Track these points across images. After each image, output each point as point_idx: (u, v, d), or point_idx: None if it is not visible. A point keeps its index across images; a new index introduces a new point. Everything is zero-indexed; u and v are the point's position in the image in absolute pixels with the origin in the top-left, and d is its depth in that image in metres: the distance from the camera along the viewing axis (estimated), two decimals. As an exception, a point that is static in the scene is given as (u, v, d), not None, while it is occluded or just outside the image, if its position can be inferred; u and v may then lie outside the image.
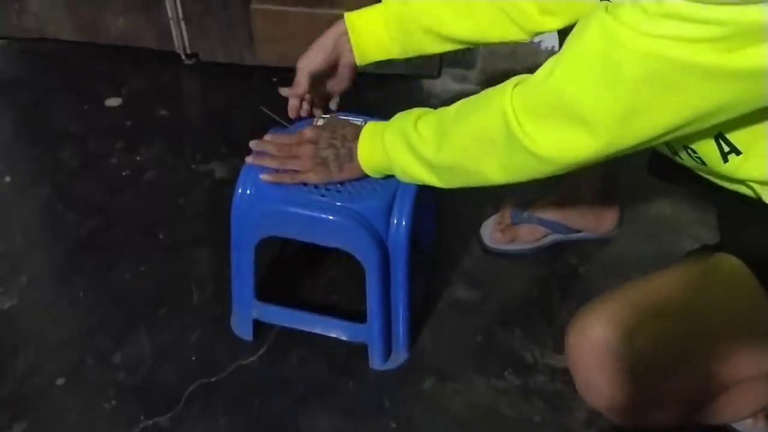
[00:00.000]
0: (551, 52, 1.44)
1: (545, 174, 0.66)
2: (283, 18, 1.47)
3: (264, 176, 0.83)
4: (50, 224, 1.17)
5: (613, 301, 0.65)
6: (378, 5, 0.84)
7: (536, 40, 1.43)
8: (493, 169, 0.69)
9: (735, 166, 0.64)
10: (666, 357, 0.63)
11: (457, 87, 1.53)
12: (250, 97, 1.49)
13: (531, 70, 1.66)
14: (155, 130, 1.37)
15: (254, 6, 1.46)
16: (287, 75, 1.59)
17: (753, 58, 0.49)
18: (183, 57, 1.56)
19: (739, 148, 0.63)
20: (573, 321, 0.66)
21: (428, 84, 1.53)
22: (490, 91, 0.69)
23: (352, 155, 0.80)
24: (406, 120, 0.76)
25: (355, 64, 0.87)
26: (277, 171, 0.83)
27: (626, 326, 0.62)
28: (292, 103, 0.88)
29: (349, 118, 0.89)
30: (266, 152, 0.84)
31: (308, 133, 0.82)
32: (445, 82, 1.54)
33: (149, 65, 1.54)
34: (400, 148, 0.75)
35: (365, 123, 0.82)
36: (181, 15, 1.48)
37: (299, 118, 0.91)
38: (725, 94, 0.53)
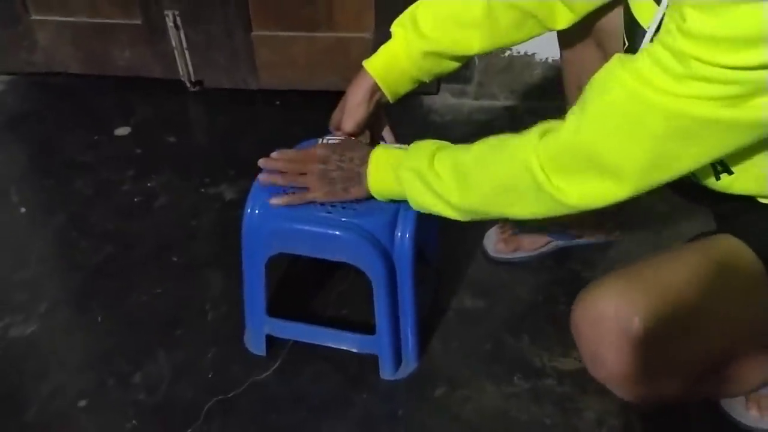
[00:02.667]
0: (545, 64, 1.48)
1: (569, 214, 0.70)
2: (284, 43, 1.52)
3: (272, 201, 0.85)
4: (66, 252, 1.20)
5: (619, 277, 0.67)
6: (393, 44, 0.85)
7: (530, 52, 1.47)
8: (519, 212, 0.72)
9: (728, 183, 0.68)
10: (671, 330, 0.64)
11: (455, 102, 1.57)
12: (255, 121, 1.53)
13: (526, 82, 1.68)
14: (164, 156, 1.42)
15: (255, 33, 1.51)
16: (290, 98, 1.64)
17: (762, 109, 0.54)
18: (188, 85, 1.60)
19: (731, 168, 0.67)
20: (580, 296, 0.68)
21: (428, 100, 1.57)
22: (511, 140, 0.71)
23: (360, 179, 0.82)
24: (419, 158, 0.77)
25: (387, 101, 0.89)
26: (284, 192, 0.86)
27: (632, 300, 0.63)
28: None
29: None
30: (276, 171, 0.86)
31: (318, 151, 0.84)
32: (445, 98, 1.58)
33: (156, 94, 1.59)
34: (419, 188, 0.77)
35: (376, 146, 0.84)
36: (185, 45, 1.53)
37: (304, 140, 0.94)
38: (741, 140, 0.59)
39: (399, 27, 0.85)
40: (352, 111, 0.87)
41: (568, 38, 0.94)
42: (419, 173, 0.76)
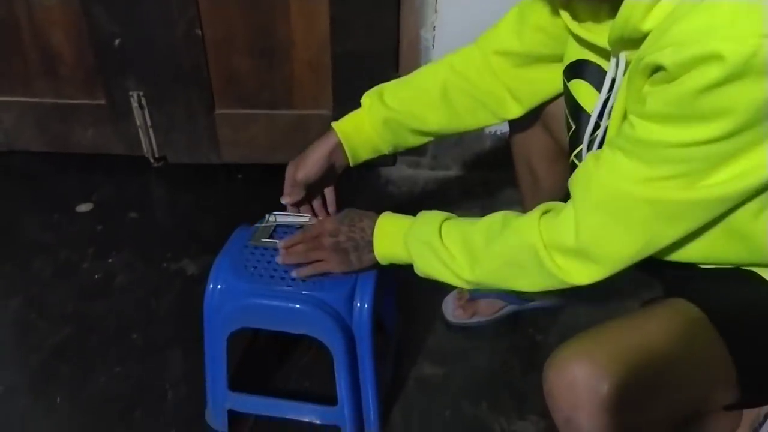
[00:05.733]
0: (494, 137, 1.56)
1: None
2: (246, 120, 1.58)
3: (294, 273, 0.88)
4: (24, 335, 1.18)
5: (588, 340, 0.70)
6: (360, 111, 0.93)
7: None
8: (524, 286, 0.77)
9: (668, 251, 0.73)
10: (640, 392, 0.66)
11: (411, 173, 1.63)
12: (217, 195, 1.56)
13: (477, 154, 1.75)
14: (126, 232, 1.43)
15: (218, 112, 1.56)
16: (252, 172, 1.68)
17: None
18: (152, 161, 1.64)
19: None
20: (551, 359, 0.70)
21: (385, 171, 1.64)
22: (515, 220, 0.76)
23: (371, 247, 0.86)
24: (429, 231, 0.80)
25: (346, 165, 0.95)
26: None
27: (602, 363, 0.66)
28: (292, 210, 0.96)
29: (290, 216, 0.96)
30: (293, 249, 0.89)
31: (327, 225, 0.88)
32: (401, 169, 1.64)
33: (119, 171, 1.61)
34: (429, 259, 0.80)
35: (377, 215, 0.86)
36: (149, 123, 1.58)
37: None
38: (722, 210, 0.65)
39: (367, 97, 0.94)
40: (309, 163, 0.92)
41: (516, 120, 1.01)
42: (430, 245, 0.80)
